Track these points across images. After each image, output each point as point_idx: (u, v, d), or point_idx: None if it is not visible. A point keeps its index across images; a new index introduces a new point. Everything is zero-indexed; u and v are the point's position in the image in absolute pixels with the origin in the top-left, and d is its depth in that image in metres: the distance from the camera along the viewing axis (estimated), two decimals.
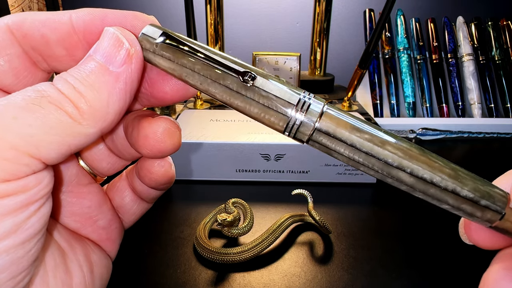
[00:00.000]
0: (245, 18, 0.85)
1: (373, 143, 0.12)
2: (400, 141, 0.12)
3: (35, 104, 0.11)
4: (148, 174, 0.16)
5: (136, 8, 0.83)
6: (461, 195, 0.12)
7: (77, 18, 0.13)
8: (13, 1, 0.75)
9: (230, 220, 0.31)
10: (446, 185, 0.12)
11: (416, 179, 0.12)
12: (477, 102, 0.67)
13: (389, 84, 0.69)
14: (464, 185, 0.12)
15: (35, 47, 0.13)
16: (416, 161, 0.12)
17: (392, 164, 0.12)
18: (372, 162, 0.12)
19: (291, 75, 0.63)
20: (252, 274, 0.31)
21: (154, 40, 0.13)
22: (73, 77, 0.12)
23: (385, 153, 0.12)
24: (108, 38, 0.13)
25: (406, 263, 0.33)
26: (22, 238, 0.11)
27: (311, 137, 0.13)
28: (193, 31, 0.55)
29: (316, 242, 0.35)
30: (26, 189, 0.11)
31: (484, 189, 0.12)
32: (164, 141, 0.15)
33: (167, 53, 0.13)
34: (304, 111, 0.12)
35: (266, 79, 0.13)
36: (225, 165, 0.44)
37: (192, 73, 0.13)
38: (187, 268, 0.32)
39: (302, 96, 0.13)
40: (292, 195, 0.36)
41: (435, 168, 0.12)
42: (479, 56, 0.69)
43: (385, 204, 0.42)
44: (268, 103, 0.13)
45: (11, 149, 0.11)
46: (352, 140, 0.12)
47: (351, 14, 0.84)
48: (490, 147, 0.59)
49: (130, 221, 0.18)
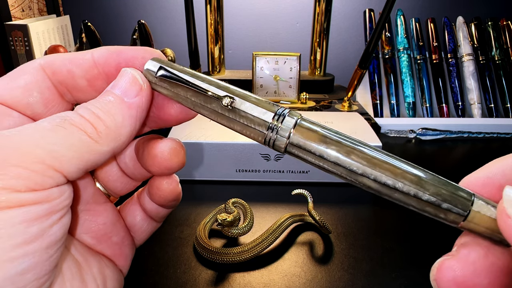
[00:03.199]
0: (245, 18, 0.85)
1: (339, 153, 0.13)
2: (367, 149, 0.13)
3: (59, 126, 0.14)
4: (158, 191, 0.18)
5: (137, 8, 0.83)
6: (423, 199, 0.13)
7: (98, 54, 0.16)
8: (13, 1, 0.75)
9: (230, 220, 0.31)
10: (408, 190, 0.13)
11: (380, 185, 0.13)
12: (477, 102, 0.67)
13: (389, 84, 0.69)
14: (426, 190, 0.12)
15: (62, 81, 0.16)
16: (379, 169, 0.13)
17: (357, 172, 0.13)
18: (340, 170, 0.13)
19: (291, 75, 0.63)
20: (252, 274, 0.31)
21: (154, 73, 0.16)
22: (93, 105, 0.15)
23: (350, 162, 0.13)
24: (125, 76, 0.15)
25: (406, 263, 0.33)
26: (47, 243, 0.13)
27: (286, 148, 0.14)
28: (193, 31, 0.55)
29: (316, 242, 0.35)
30: (50, 199, 0.13)
31: (446, 193, 0.12)
32: (171, 159, 0.17)
33: (165, 84, 0.16)
34: (277, 127, 0.14)
35: (244, 100, 0.15)
36: (225, 165, 0.44)
37: (186, 99, 0.16)
38: (187, 268, 0.32)
39: (278, 112, 0.14)
40: (292, 195, 0.36)
41: (398, 174, 0.13)
42: (479, 56, 0.69)
43: (385, 204, 0.42)
44: (247, 122, 0.15)
45: (39, 162, 0.13)
46: (320, 151, 0.14)
47: (351, 14, 0.84)
48: (490, 147, 0.59)
49: (141, 239, 0.20)
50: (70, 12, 0.83)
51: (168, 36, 0.85)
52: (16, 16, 0.77)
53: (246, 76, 0.70)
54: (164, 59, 0.16)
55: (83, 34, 0.61)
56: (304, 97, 0.64)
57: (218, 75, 0.71)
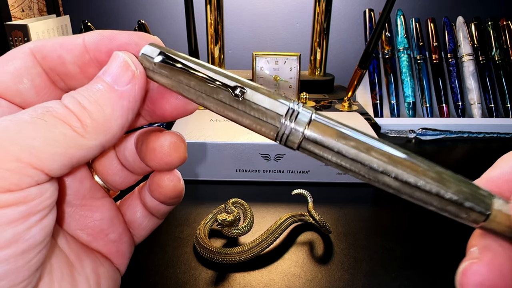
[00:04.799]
0: (245, 18, 0.85)
1: (358, 149, 0.12)
2: (386, 146, 0.13)
3: (40, 118, 0.12)
4: (158, 188, 0.17)
5: (137, 8, 0.83)
6: (445, 197, 0.12)
7: (88, 39, 0.15)
8: (13, 1, 0.75)
9: (230, 220, 0.31)
10: (430, 188, 0.12)
11: (401, 183, 0.12)
12: (477, 102, 0.67)
13: (389, 84, 0.69)
14: (448, 188, 0.12)
15: (53, 67, 0.15)
16: (400, 166, 0.12)
17: (378, 169, 0.12)
18: (359, 168, 0.13)
19: (291, 75, 0.63)
20: (252, 274, 0.31)
21: (152, 59, 0.14)
22: (80, 94, 0.13)
23: (370, 159, 0.12)
24: (116, 61, 0.14)
25: (406, 263, 0.33)
26: (23, 248, 0.12)
27: (300, 144, 0.13)
28: (193, 31, 0.55)
29: (316, 242, 0.35)
30: (28, 200, 0.12)
31: (468, 191, 0.12)
32: (170, 154, 0.16)
33: (165, 71, 0.14)
34: (292, 121, 0.13)
35: (255, 92, 0.13)
36: (225, 165, 0.44)
37: (188, 89, 0.14)
38: (187, 268, 0.32)
39: (291, 106, 0.13)
40: (292, 195, 0.36)
41: (419, 172, 0.12)
42: (479, 56, 0.69)
43: (385, 204, 0.42)
44: (259, 115, 0.13)
45: (14, 160, 0.11)
46: (338, 147, 0.13)
47: (351, 14, 0.84)
48: (490, 147, 0.59)
49: (141, 236, 0.19)
50: (70, 12, 0.83)
51: (168, 36, 0.85)
52: (16, 16, 0.77)
53: (246, 76, 0.70)
54: (162, 45, 0.15)
55: None
56: (304, 97, 0.64)
57: None
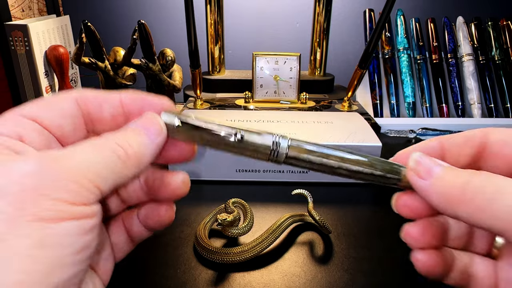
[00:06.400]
0: (245, 18, 0.85)
1: (321, 157, 0.20)
2: (338, 152, 0.20)
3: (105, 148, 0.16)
4: (157, 217, 0.21)
5: (137, 8, 0.83)
6: (376, 174, 0.20)
7: (125, 96, 0.20)
8: (13, 1, 0.75)
9: (230, 220, 0.31)
10: (367, 171, 0.20)
11: (350, 171, 0.20)
12: (477, 102, 0.67)
13: (389, 84, 0.69)
14: (376, 168, 0.20)
15: (91, 113, 0.19)
16: (348, 162, 0.20)
17: (335, 167, 0.20)
18: (323, 168, 0.20)
19: (291, 75, 0.63)
20: (252, 274, 0.31)
21: (174, 125, 0.19)
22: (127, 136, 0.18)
23: (330, 161, 0.20)
24: (152, 120, 0.19)
25: (406, 263, 0.33)
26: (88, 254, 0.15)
27: (284, 160, 0.20)
28: (193, 31, 0.55)
29: (316, 242, 0.35)
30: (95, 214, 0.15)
31: (388, 168, 0.20)
32: (181, 187, 0.21)
33: (183, 131, 0.20)
34: (277, 148, 0.20)
35: (250, 134, 0.19)
36: (225, 165, 0.44)
37: (201, 141, 0.20)
38: (187, 268, 0.32)
39: (275, 139, 0.20)
40: (292, 195, 0.36)
41: (360, 163, 0.20)
42: (479, 56, 0.69)
43: (385, 204, 0.42)
44: (255, 149, 0.20)
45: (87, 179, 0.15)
46: (309, 158, 0.20)
47: (351, 14, 0.84)
48: None
49: (118, 258, 0.22)
50: (70, 12, 0.83)
51: (168, 36, 0.85)
52: (16, 16, 0.77)
53: (246, 76, 0.70)
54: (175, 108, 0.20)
55: (83, 34, 0.61)
56: (304, 97, 0.64)
57: (218, 75, 0.71)
